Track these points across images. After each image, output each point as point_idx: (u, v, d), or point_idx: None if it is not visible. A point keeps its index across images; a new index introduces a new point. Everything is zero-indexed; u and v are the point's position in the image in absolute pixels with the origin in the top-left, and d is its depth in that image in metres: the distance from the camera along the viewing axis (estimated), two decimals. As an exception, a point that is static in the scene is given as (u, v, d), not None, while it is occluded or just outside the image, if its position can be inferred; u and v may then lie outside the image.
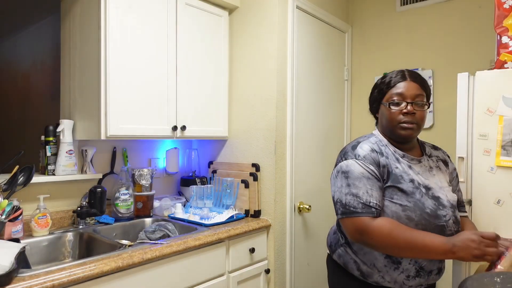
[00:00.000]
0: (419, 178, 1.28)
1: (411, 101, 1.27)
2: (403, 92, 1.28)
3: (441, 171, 1.38)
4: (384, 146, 1.33)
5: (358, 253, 1.32)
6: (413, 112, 1.26)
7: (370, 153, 1.27)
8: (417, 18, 2.54)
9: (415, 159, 1.33)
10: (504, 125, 1.56)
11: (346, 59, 2.82)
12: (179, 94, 2.05)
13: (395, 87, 1.30)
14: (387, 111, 1.31)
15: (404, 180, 1.25)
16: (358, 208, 1.21)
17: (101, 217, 1.93)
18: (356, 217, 1.21)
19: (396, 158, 1.30)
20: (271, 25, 2.16)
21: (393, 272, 1.26)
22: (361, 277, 1.32)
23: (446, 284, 2.35)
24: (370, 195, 1.21)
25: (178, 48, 2.04)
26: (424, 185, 1.27)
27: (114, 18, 1.77)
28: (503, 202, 1.57)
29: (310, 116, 2.43)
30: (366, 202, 1.21)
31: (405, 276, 1.26)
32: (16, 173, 1.63)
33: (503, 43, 1.62)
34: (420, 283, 1.29)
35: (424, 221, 1.21)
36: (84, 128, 1.87)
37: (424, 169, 1.33)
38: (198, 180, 2.37)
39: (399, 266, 1.25)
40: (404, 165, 1.29)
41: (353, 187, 1.23)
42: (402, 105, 1.27)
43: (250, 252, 2.01)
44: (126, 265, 1.43)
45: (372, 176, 1.24)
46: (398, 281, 1.26)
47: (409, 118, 1.26)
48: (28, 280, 1.20)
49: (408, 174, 1.27)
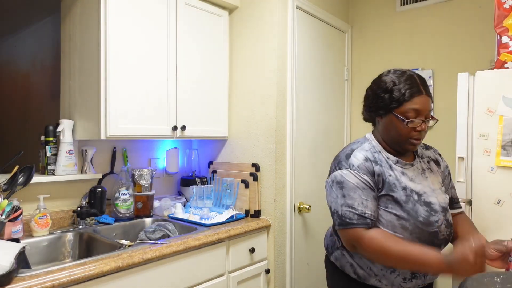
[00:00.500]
0: (412, 184, 1.27)
1: (425, 118, 1.24)
2: (419, 108, 1.22)
3: (433, 172, 1.37)
4: (377, 153, 1.31)
5: (354, 257, 1.32)
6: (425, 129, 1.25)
7: (364, 163, 1.26)
8: (417, 18, 2.54)
9: (408, 164, 1.31)
10: (504, 125, 1.56)
11: (346, 59, 2.82)
12: (179, 94, 2.05)
13: (411, 101, 1.23)
14: (400, 125, 1.25)
15: (397, 188, 1.25)
16: (354, 219, 1.22)
17: (101, 217, 1.93)
18: (351, 228, 1.22)
19: (389, 165, 1.29)
20: (271, 25, 2.16)
21: (389, 276, 1.26)
22: (358, 279, 1.32)
23: (446, 284, 2.35)
24: (365, 206, 1.22)
25: (178, 48, 2.04)
26: (416, 191, 1.26)
27: (114, 18, 1.77)
28: (503, 202, 1.57)
29: (310, 116, 2.43)
30: (361, 213, 1.21)
31: (401, 279, 1.26)
32: (16, 173, 1.63)
33: (503, 43, 1.62)
34: (417, 284, 1.29)
35: (418, 229, 1.22)
36: (84, 128, 1.87)
37: (417, 172, 1.32)
38: (198, 180, 2.37)
39: (395, 270, 1.26)
40: (397, 172, 1.28)
41: (348, 198, 1.23)
42: (416, 122, 1.23)
43: (250, 252, 2.01)
44: (126, 265, 1.42)
45: (366, 187, 1.23)
46: (395, 284, 1.26)
47: (420, 135, 1.25)
48: (28, 280, 1.20)
49: (400, 182, 1.26)
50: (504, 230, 1.56)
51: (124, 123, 1.81)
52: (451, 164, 1.95)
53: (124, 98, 1.81)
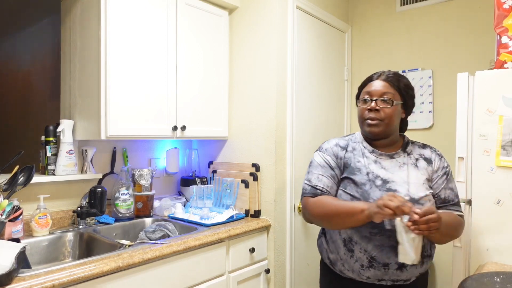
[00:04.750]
0: (382, 172, 1.33)
1: (376, 98, 1.34)
2: (371, 90, 1.36)
3: (418, 168, 1.36)
4: (356, 143, 1.43)
5: (328, 242, 1.42)
6: (377, 109, 1.33)
7: (333, 147, 1.43)
8: (417, 18, 2.54)
9: (384, 154, 1.37)
10: (504, 125, 1.56)
11: (346, 59, 2.82)
12: (179, 94, 2.05)
13: (366, 86, 1.40)
14: (358, 109, 1.42)
15: (361, 173, 1.34)
16: (307, 190, 1.40)
17: (101, 217, 1.93)
18: (303, 198, 1.41)
19: (362, 153, 1.39)
20: (271, 25, 2.16)
21: (350, 260, 1.34)
22: (330, 266, 1.43)
23: (446, 284, 2.35)
24: (319, 180, 1.38)
25: (178, 48, 2.04)
26: (383, 178, 1.32)
27: (114, 18, 1.77)
28: (503, 202, 1.57)
29: (310, 116, 2.43)
30: (314, 186, 1.38)
31: (359, 265, 1.32)
32: (16, 173, 1.63)
33: (503, 43, 1.62)
34: (378, 276, 1.30)
35: None
36: (84, 128, 1.87)
37: (394, 164, 1.35)
38: (198, 180, 2.37)
39: (353, 255, 1.33)
40: (369, 160, 1.37)
41: (309, 174, 1.43)
42: (368, 102, 1.36)
43: (250, 252, 2.01)
44: (126, 265, 1.43)
45: (326, 165, 1.40)
46: (355, 269, 1.33)
47: (373, 115, 1.34)
48: (28, 280, 1.20)
49: (367, 168, 1.35)
50: (504, 230, 1.56)
51: (124, 123, 1.81)
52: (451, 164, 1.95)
53: (124, 98, 1.81)
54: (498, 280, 1.01)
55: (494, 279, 1.02)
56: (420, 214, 1.10)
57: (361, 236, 1.30)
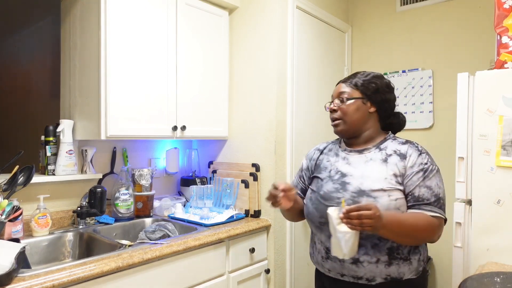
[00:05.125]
0: (345, 167, 1.36)
1: (333, 100, 1.40)
2: (332, 94, 1.43)
3: (387, 163, 1.29)
4: (335, 144, 1.48)
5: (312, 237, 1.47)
6: (334, 109, 1.38)
7: (313, 151, 1.54)
8: (417, 18, 2.54)
9: (354, 151, 1.39)
10: (504, 125, 1.56)
11: (346, 59, 2.82)
12: (179, 94, 2.05)
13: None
14: None
15: (325, 171, 1.40)
16: None
17: (101, 217, 1.93)
18: None
19: (335, 153, 1.43)
20: (271, 25, 2.16)
21: (315, 252, 1.40)
22: (311, 259, 1.46)
23: (446, 284, 2.35)
24: (293, 181, 1.58)
25: (178, 48, 2.04)
26: (343, 173, 1.34)
27: (114, 18, 1.77)
28: (503, 202, 1.57)
29: (310, 116, 2.43)
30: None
31: (321, 257, 1.35)
32: (16, 173, 1.63)
33: (503, 43, 1.62)
34: (337, 269, 1.29)
35: (317, 201, 1.35)
36: (84, 128, 1.87)
37: (361, 160, 1.34)
38: (198, 180, 2.37)
39: (315, 246, 1.39)
40: (339, 158, 1.40)
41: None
42: (327, 104, 1.43)
43: (250, 252, 2.01)
44: (126, 265, 1.43)
45: (300, 168, 1.56)
46: (318, 261, 1.38)
47: (333, 115, 1.40)
48: (28, 280, 1.20)
49: (333, 165, 1.39)
50: (504, 230, 1.56)
51: (124, 123, 1.81)
52: (451, 164, 1.95)
53: (124, 98, 1.81)
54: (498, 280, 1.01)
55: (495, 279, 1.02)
56: (352, 209, 1.08)
57: (314, 226, 1.37)
